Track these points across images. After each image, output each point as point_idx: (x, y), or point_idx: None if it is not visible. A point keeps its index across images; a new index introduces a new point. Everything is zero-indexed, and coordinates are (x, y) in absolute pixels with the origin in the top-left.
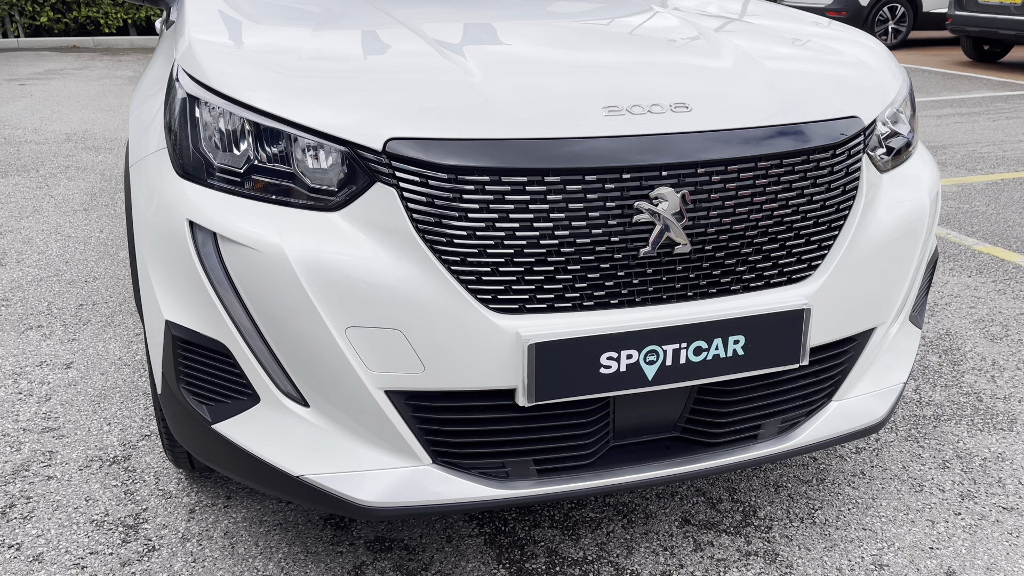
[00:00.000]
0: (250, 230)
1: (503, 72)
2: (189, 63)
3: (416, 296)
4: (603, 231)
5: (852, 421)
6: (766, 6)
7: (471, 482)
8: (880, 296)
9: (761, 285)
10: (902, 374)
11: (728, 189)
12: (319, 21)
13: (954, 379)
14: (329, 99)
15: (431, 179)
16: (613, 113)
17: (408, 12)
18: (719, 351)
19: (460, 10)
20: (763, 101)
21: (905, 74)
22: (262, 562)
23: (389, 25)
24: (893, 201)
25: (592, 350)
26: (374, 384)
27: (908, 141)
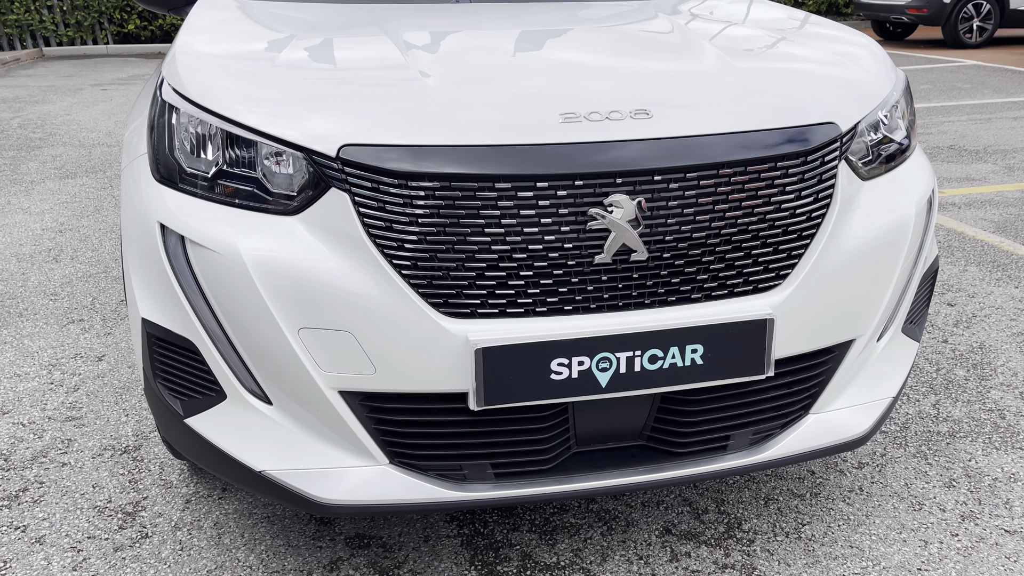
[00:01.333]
0: (212, 233)
1: (467, 79)
2: (170, 71)
3: (366, 299)
4: (556, 238)
5: (831, 435)
6: (772, 9)
7: (427, 483)
8: (857, 308)
9: (724, 294)
10: (891, 388)
11: (687, 197)
12: (307, 30)
13: (978, 395)
14: (291, 107)
15: (382, 185)
16: (570, 120)
17: (400, 22)
18: (676, 360)
19: (454, 18)
20: (732, 107)
21: (899, 76)
22: (244, 553)
23: (371, 34)
24: (874, 210)
25: (542, 356)
26: (327, 384)
27: (900, 147)
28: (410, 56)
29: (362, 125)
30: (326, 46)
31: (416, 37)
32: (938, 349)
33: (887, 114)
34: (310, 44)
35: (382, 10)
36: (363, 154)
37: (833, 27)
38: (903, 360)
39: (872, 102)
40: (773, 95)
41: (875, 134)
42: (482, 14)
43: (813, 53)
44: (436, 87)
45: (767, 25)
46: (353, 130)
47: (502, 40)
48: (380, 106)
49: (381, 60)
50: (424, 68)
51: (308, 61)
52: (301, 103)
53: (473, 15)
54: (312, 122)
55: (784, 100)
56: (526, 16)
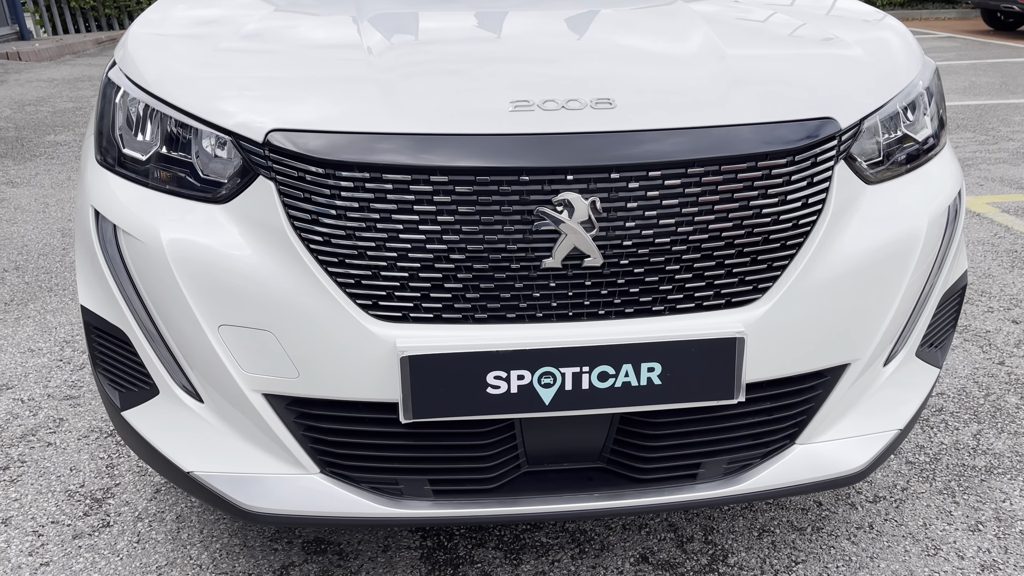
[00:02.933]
0: (137, 220)
1: (419, 62)
2: (120, 51)
3: (288, 298)
4: (499, 238)
5: (820, 469)
6: None
7: (359, 497)
8: (851, 329)
9: (691, 308)
10: (897, 420)
11: (650, 198)
12: (281, 7)
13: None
14: (228, 89)
15: (308, 174)
16: (521, 108)
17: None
18: (630, 379)
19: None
20: (711, 98)
21: (927, 67)
22: (198, 551)
23: (340, 13)
24: (877, 219)
25: (477, 368)
26: (249, 386)
27: (921, 147)
28: (365, 38)
29: (292, 110)
30: (286, 26)
31: (386, 18)
32: (991, 371)
33: (908, 110)
34: (270, 24)
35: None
36: (290, 140)
37: (865, 12)
38: (917, 388)
39: (885, 95)
40: (764, 85)
41: (891, 132)
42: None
43: (825, 39)
44: (380, 71)
45: (791, 7)
46: (282, 115)
47: (476, 20)
48: (315, 90)
49: (333, 42)
50: (375, 51)
51: (259, 42)
52: (237, 85)
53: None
54: (244, 105)
55: (776, 91)
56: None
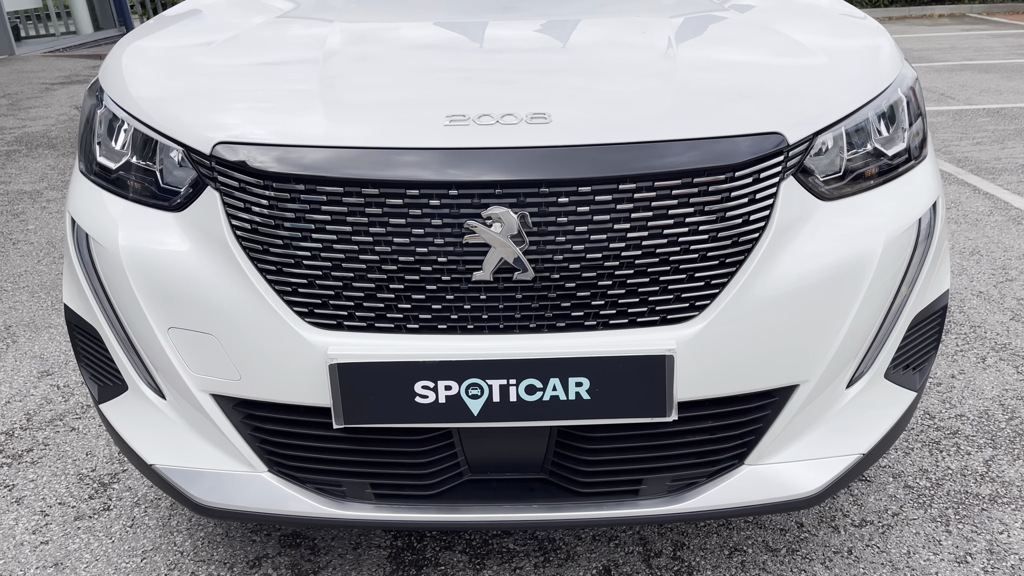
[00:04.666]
0: (102, 225)
1: (366, 76)
2: (104, 63)
3: (229, 303)
4: (430, 250)
5: (769, 490)
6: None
7: (304, 497)
8: (797, 349)
9: (624, 323)
10: (860, 444)
11: (580, 213)
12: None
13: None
14: (185, 103)
15: (248, 185)
16: (456, 123)
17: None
18: (558, 393)
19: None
20: (650, 113)
21: (904, 76)
22: (183, 538)
23: (316, 26)
24: (828, 238)
25: (404, 377)
26: (197, 386)
27: (891, 163)
28: (327, 51)
29: (239, 123)
30: (260, 38)
31: (354, 30)
32: (1022, 394)
33: (879, 121)
34: (245, 37)
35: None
36: (233, 153)
37: (848, 15)
38: (886, 412)
39: (846, 107)
40: (711, 99)
41: (855, 146)
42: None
43: (790, 49)
44: (328, 84)
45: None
46: (230, 128)
47: (440, 32)
48: (263, 104)
49: (295, 56)
50: (330, 64)
51: (226, 55)
52: (195, 99)
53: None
54: (197, 119)
55: (721, 105)
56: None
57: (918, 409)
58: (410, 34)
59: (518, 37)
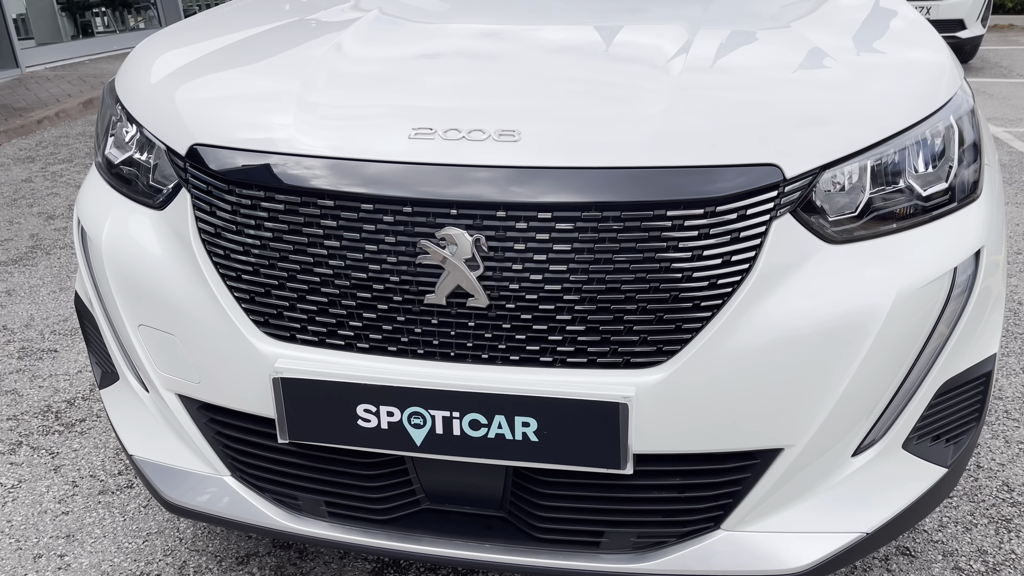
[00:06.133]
0: (94, 217)
1: (346, 84)
2: (125, 61)
3: (189, 306)
4: (382, 268)
5: (747, 562)
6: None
7: (260, 506)
8: (781, 409)
9: (581, 363)
10: (864, 521)
11: (540, 240)
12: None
13: None
14: (174, 104)
15: (214, 189)
16: (422, 136)
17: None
18: (503, 431)
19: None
20: (630, 135)
21: (957, 99)
22: (186, 525)
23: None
24: (827, 287)
25: (347, 398)
26: (163, 385)
27: (922, 203)
28: (322, 56)
29: (215, 127)
30: (276, 37)
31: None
32: None
33: (912, 154)
34: (264, 35)
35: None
36: (204, 154)
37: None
38: (903, 488)
39: (869, 137)
40: (703, 121)
41: (883, 183)
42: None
43: (817, 63)
44: (308, 90)
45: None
46: (206, 129)
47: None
48: (241, 108)
49: (296, 57)
50: (320, 67)
51: (233, 54)
52: (184, 101)
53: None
54: (180, 120)
55: (713, 130)
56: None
57: (993, 478)
58: (417, 37)
59: (522, 46)
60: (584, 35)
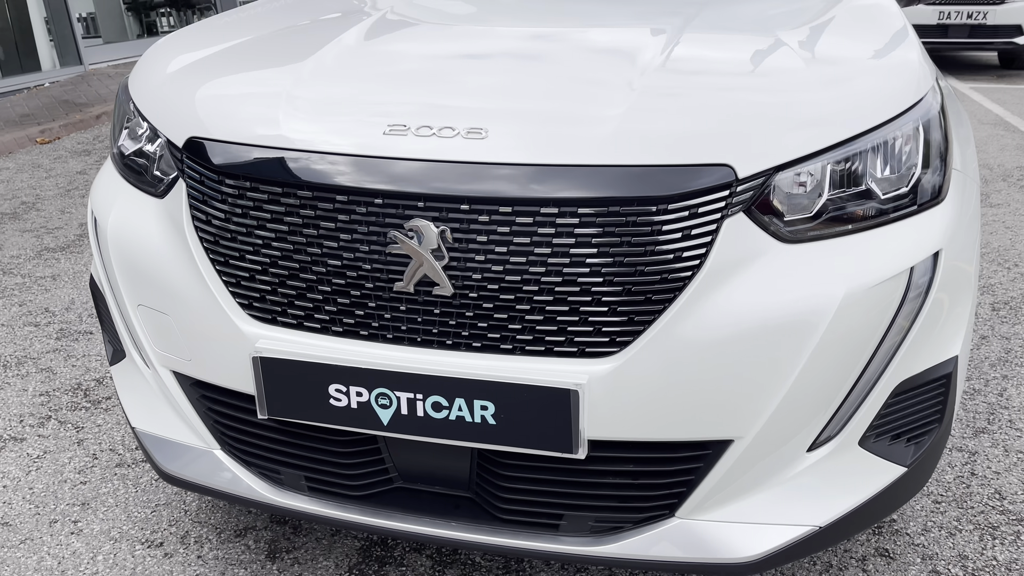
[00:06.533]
0: (102, 205)
1: (337, 79)
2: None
3: (182, 288)
4: (355, 256)
5: (699, 549)
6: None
7: (246, 479)
8: (729, 401)
9: (539, 351)
10: (818, 515)
11: (501, 233)
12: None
13: None
14: (177, 99)
15: (207, 179)
16: (395, 132)
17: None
18: (463, 413)
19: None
20: (590, 134)
21: (926, 101)
22: (193, 498)
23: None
24: (778, 284)
25: (319, 378)
26: (159, 362)
27: (886, 205)
28: (319, 54)
29: (210, 121)
30: (282, 38)
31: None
32: None
33: (872, 157)
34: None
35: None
36: (199, 147)
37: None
38: (859, 484)
39: (827, 139)
40: (662, 122)
41: (842, 184)
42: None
43: (784, 64)
44: (298, 87)
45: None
46: (202, 123)
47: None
48: (236, 104)
49: (296, 54)
50: (313, 65)
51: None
52: (185, 97)
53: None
54: (180, 115)
55: (670, 130)
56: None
57: (986, 485)
58: (405, 39)
59: (501, 47)
60: (563, 38)
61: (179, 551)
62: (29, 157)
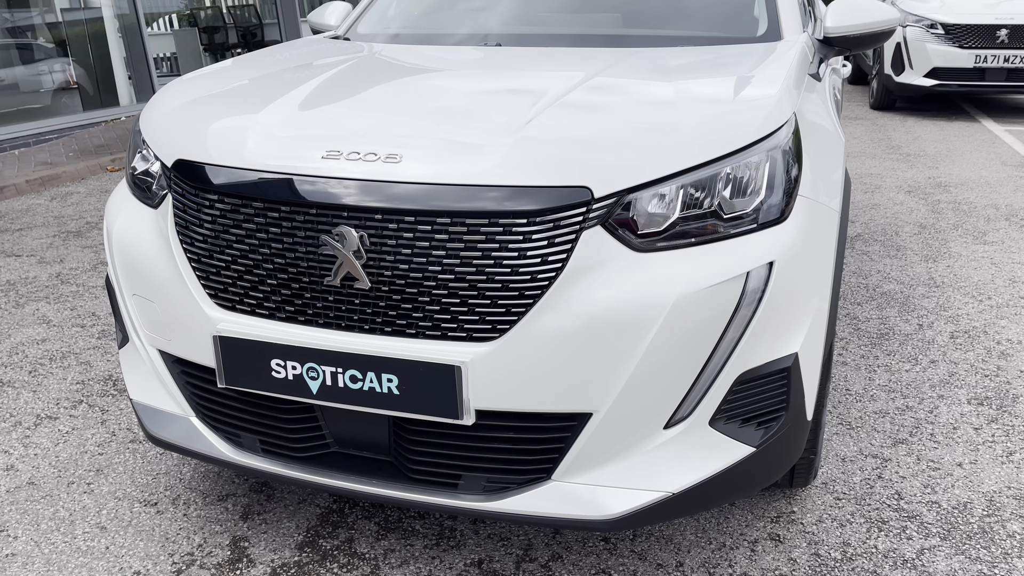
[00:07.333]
0: (112, 215)
1: (287, 116)
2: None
3: (165, 280)
4: (295, 256)
5: (570, 507)
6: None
7: (214, 441)
8: (584, 381)
9: (437, 335)
10: (670, 483)
11: (405, 238)
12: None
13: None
14: (171, 127)
15: (187, 193)
16: (330, 156)
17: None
18: (374, 384)
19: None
20: (483, 160)
21: (777, 135)
22: (188, 470)
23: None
24: (625, 286)
25: (264, 354)
26: (148, 342)
27: (728, 223)
28: (292, 89)
29: (190, 145)
30: (270, 79)
31: (348, 74)
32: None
33: (721, 181)
34: (249, 83)
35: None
36: (183, 167)
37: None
38: (710, 459)
39: (675, 166)
40: (541, 151)
41: (690, 204)
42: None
43: (660, 99)
44: (259, 120)
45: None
46: (184, 148)
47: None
48: (214, 130)
49: (267, 96)
50: (274, 103)
51: (226, 94)
52: (178, 127)
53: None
54: (171, 141)
55: (545, 157)
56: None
57: (889, 487)
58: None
59: (430, 85)
60: (485, 82)
61: (169, 510)
62: (99, 183)
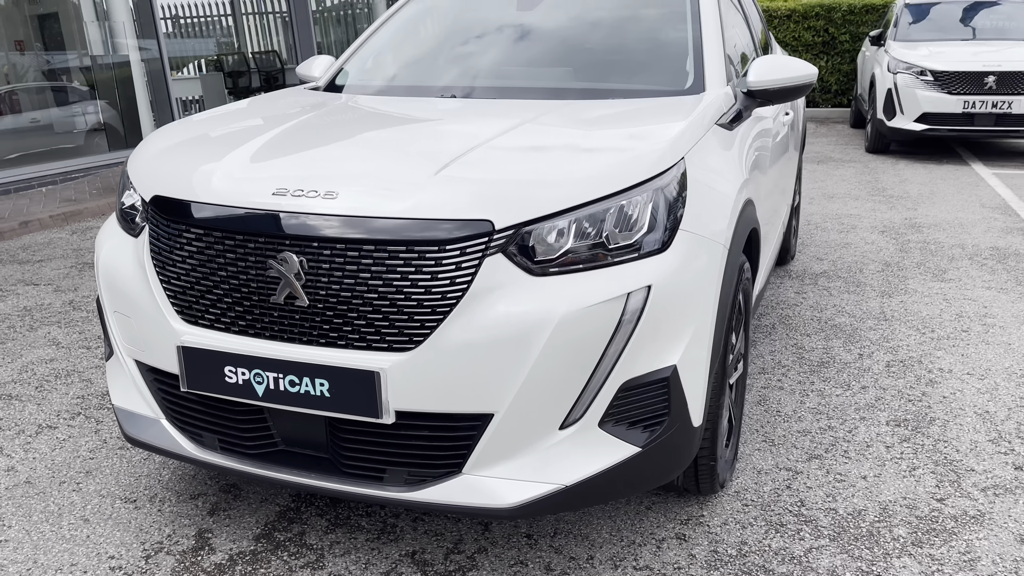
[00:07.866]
0: (100, 242)
1: (247, 157)
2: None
3: (139, 298)
4: (246, 277)
5: (476, 497)
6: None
7: (180, 440)
8: (486, 386)
9: (362, 345)
10: (562, 477)
11: (337, 263)
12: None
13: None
14: (151, 168)
15: (160, 224)
16: (278, 194)
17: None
18: (309, 388)
19: (405, 110)
20: (407, 196)
21: (666, 175)
22: (169, 473)
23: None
24: (517, 306)
25: (218, 362)
26: (126, 353)
27: (612, 253)
28: (260, 134)
29: (167, 183)
30: (244, 127)
31: (309, 123)
32: (918, 503)
33: (611, 215)
34: (235, 128)
35: (377, 102)
36: (159, 202)
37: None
38: (598, 455)
39: (566, 203)
40: (456, 188)
41: (579, 235)
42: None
43: (568, 143)
44: (221, 162)
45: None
46: (159, 186)
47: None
48: (185, 171)
49: (238, 141)
50: (238, 149)
51: (203, 139)
52: (157, 168)
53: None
54: (156, 177)
55: (459, 193)
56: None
57: (794, 496)
58: (318, 125)
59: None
60: (425, 128)
61: (146, 506)
62: None
